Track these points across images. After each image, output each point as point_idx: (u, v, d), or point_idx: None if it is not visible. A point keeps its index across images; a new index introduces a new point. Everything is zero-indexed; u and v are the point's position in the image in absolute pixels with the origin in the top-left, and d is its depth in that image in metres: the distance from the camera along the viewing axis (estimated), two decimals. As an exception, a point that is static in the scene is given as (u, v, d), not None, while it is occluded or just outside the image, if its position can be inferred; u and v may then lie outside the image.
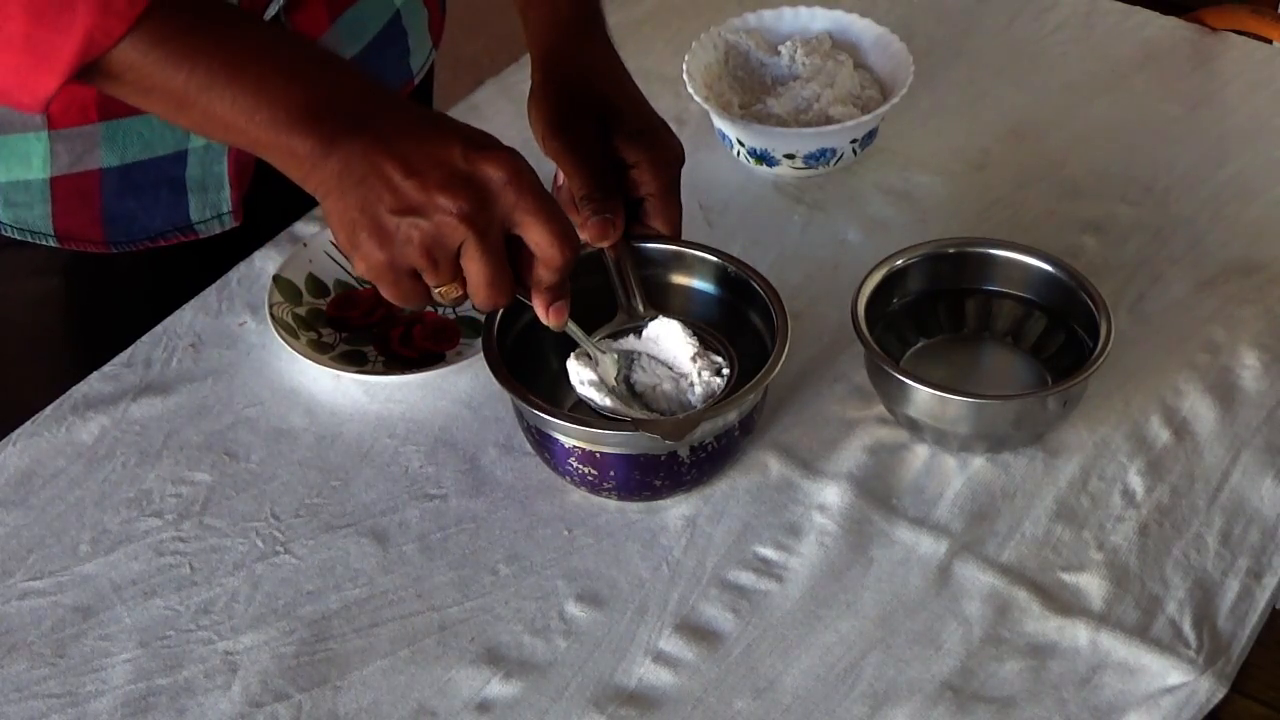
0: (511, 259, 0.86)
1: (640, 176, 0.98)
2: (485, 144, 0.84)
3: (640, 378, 0.96)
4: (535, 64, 1.01)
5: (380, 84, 0.88)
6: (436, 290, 0.86)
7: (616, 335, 0.97)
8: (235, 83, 0.83)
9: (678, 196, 0.99)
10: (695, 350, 0.95)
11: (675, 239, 1.00)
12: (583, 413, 0.95)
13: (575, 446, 0.93)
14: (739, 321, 1.00)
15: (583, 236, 0.94)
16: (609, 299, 0.98)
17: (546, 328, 0.97)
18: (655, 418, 0.93)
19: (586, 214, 0.96)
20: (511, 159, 0.84)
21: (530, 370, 0.97)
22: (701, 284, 1.02)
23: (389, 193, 0.83)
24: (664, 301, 1.00)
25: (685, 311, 1.00)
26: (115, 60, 0.82)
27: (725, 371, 0.95)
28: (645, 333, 0.97)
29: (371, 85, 0.87)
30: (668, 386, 0.95)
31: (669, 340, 0.96)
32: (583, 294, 0.93)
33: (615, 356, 0.95)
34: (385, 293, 0.87)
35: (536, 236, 0.85)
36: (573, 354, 0.95)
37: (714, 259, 1.01)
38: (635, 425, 0.91)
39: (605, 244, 0.97)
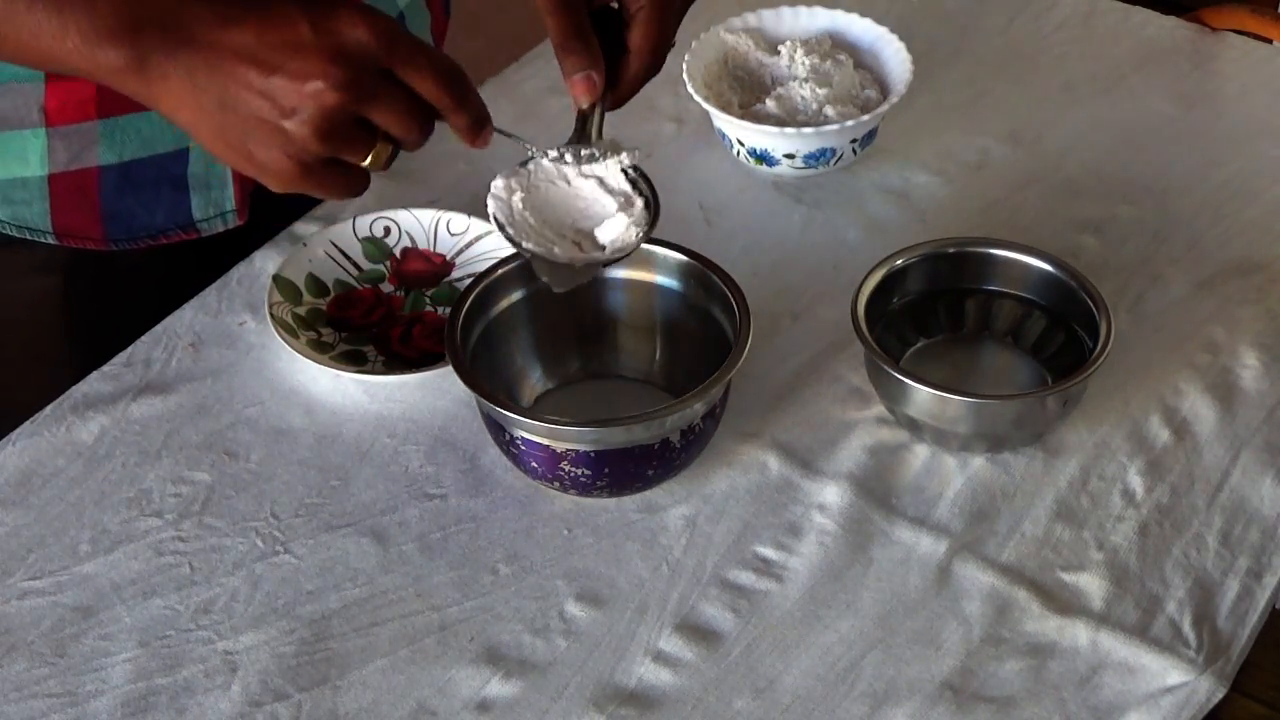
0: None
1: None
2: (328, 10, 0.80)
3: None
4: None
5: None
6: (366, 163, 0.83)
7: (566, 155, 0.93)
8: (36, 5, 0.80)
9: (672, 19, 0.95)
10: (622, 199, 0.92)
11: (652, 62, 0.95)
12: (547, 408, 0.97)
13: (538, 443, 0.93)
14: (705, 319, 1.00)
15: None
16: None
17: (510, 330, 0.99)
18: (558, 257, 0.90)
19: (567, 68, 0.91)
20: (361, 12, 0.80)
21: (491, 373, 0.98)
22: (664, 280, 1.01)
23: (261, 98, 0.79)
24: (625, 299, 1.01)
25: (648, 309, 1.01)
26: None
27: (643, 225, 0.92)
28: (588, 168, 0.93)
29: None
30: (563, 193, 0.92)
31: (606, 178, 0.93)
32: None
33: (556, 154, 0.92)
34: (319, 193, 0.84)
35: (421, 84, 0.82)
36: (500, 177, 0.92)
37: (678, 256, 1.00)
38: (530, 257, 0.89)
39: (587, 103, 0.93)
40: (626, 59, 0.95)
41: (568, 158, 0.92)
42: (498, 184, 0.92)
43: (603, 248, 0.92)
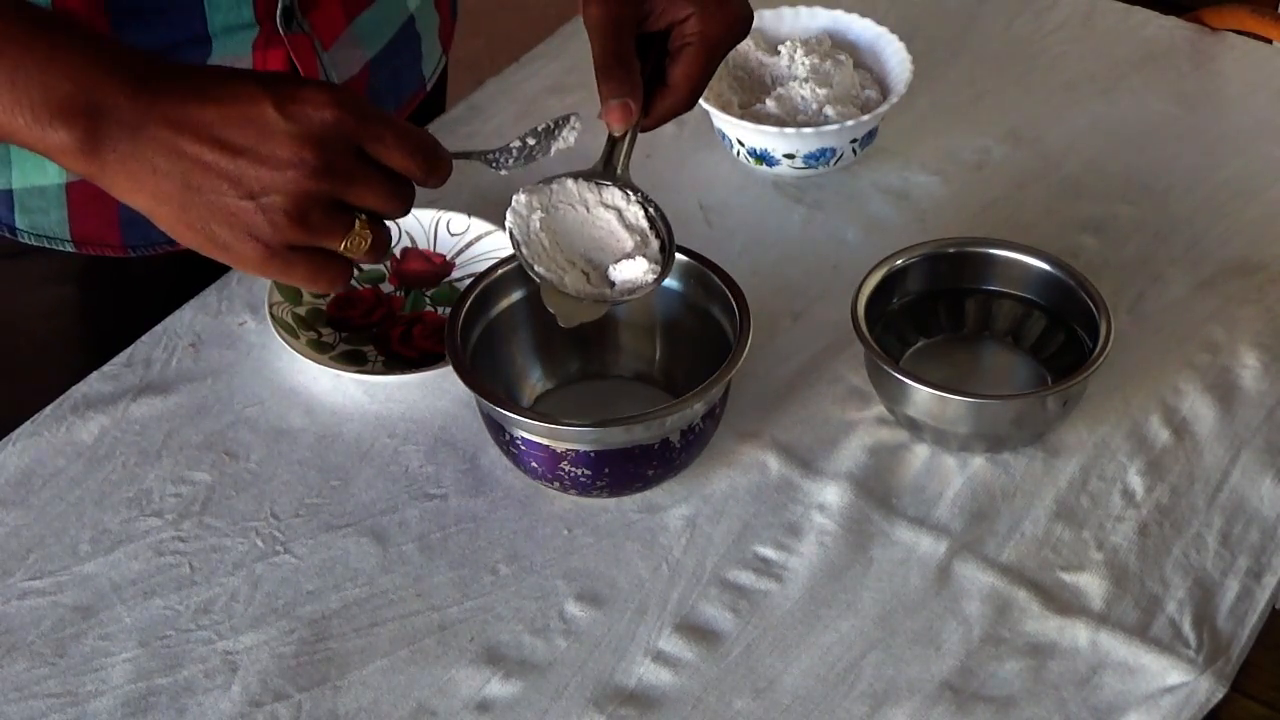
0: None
1: (688, 28, 0.92)
2: (292, 90, 0.78)
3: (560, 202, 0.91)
4: None
5: (153, 55, 0.80)
6: (342, 250, 0.81)
7: (582, 177, 0.93)
8: None
9: (716, 61, 0.93)
10: (639, 238, 0.92)
11: (688, 100, 0.94)
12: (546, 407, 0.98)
13: (540, 443, 0.93)
14: (705, 319, 1.00)
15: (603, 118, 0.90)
16: None
17: (510, 330, 0.99)
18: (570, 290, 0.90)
19: (605, 92, 0.90)
20: (328, 91, 0.78)
21: (492, 373, 0.98)
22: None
23: (225, 180, 0.77)
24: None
25: (648, 309, 1.01)
26: None
27: (657, 270, 0.92)
28: (605, 196, 0.93)
29: (144, 60, 0.79)
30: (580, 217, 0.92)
31: (622, 214, 0.93)
32: None
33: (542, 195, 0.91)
34: (292, 280, 0.82)
35: (390, 157, 0.80)
36: (522, 191, 0.91)
37: (678, 256, 0.99)
38: (541, 283, 0.89)
39: (620, 131, 0.92)
40: (662, 92, 0.94)
41: (528, 142, 0.89)
42: (519, 199, 0.91)
43: (611, 284, 0.92)
